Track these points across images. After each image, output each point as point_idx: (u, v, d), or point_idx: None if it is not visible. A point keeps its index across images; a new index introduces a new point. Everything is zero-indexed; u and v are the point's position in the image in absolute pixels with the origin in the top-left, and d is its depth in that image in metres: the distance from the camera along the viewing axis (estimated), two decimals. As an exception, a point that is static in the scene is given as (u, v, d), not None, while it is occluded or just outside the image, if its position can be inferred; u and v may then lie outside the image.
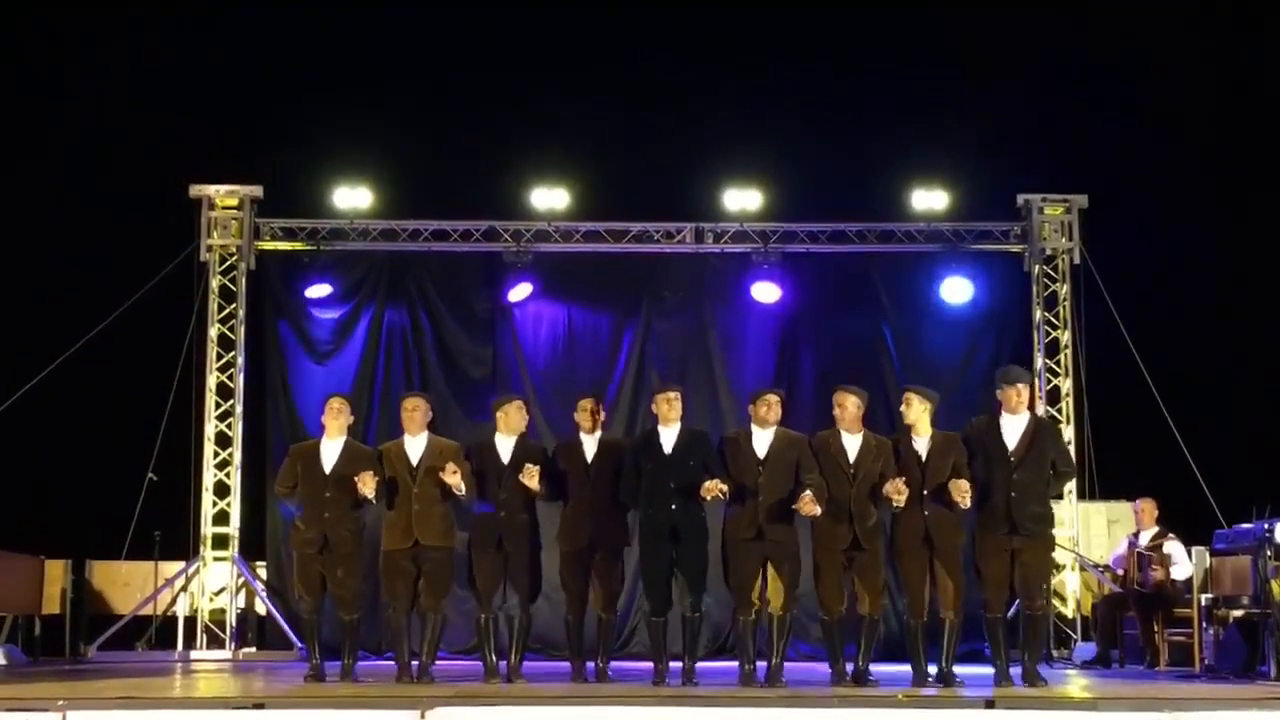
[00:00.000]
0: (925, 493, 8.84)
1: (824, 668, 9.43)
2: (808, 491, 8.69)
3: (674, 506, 9.02)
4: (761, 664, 9.07)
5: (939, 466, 8.86)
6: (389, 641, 10.69)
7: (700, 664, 9.35)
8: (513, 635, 9.29)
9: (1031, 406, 9.13)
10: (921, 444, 8.97)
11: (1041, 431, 9.05)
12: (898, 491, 8.70)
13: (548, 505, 9.50)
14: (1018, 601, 9.05)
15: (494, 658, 9.26)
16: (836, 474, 8.93)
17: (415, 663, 9.26)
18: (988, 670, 9.19)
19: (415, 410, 9.43)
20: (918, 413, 9.01)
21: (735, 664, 9.28)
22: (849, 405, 9.09)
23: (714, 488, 8.74)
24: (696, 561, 9.12)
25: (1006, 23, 13.93)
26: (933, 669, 8.99)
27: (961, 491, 8.64)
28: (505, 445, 9.34)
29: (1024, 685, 8.75)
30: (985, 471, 8.90)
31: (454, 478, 9.02)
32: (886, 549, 9.05)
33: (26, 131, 13.86)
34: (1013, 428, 8.94)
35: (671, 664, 9.22)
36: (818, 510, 8.69)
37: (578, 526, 9.29)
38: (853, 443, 9.02)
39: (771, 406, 9.07)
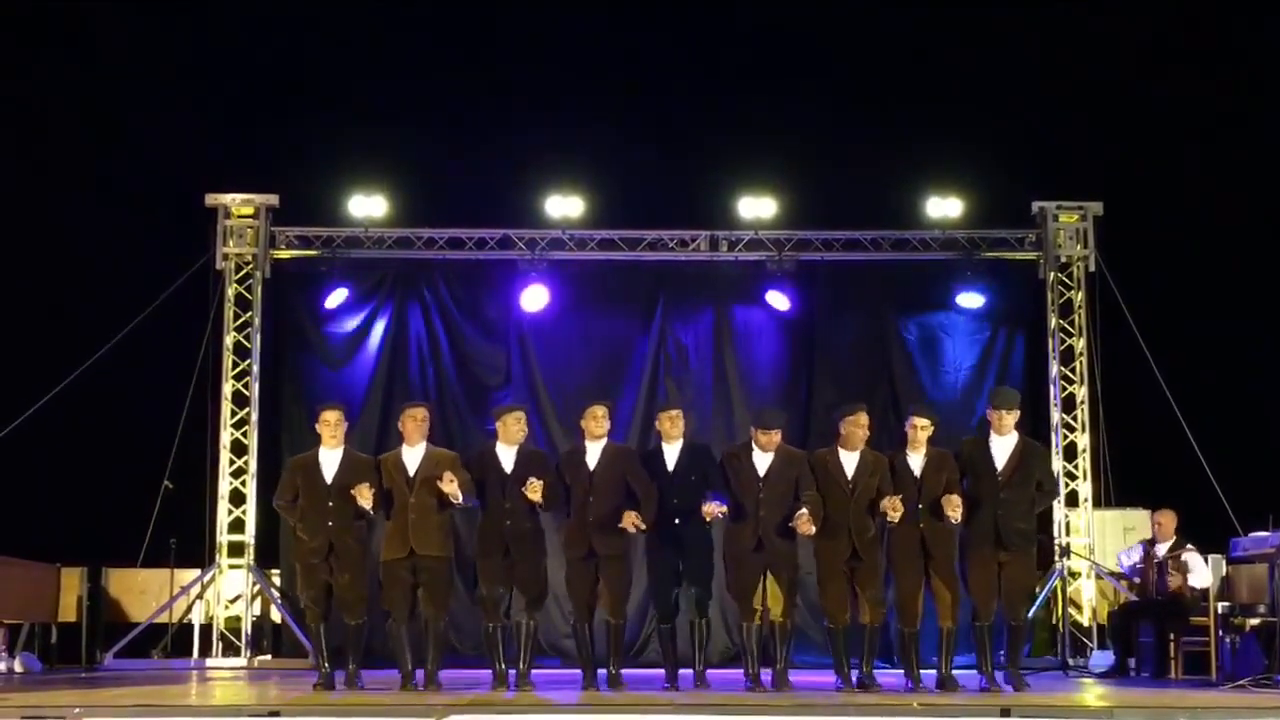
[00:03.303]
0: (921, 507, 9.16)
1: (827, 675, 9.58)
2: (803, 511, 8.94)
3: (678, 521, 9.26)
4: (765, 670, 9.26)
5: (934, 483, 9.21)
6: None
7: (712, 671, 9.52)
8: (520, 642, 9.29)
9: (1020, 427, 9.38)
10: (916, 461, 9.30)
11: (1029, 453, 9.40)
12: (894, 509, 8.97)
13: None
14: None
15: (502, 665, 9.28)
16: (835, 490, 9.20)
17: (420, 671, 9.27)
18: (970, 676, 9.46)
19: (420, 419, 9.43)
20: (924, 437, 9.30)
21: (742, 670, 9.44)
22: (864, 422, 9.32)
23: (711, 512, 8.99)
24: (703, 572, 9.36)
25: (1020, 29, 13.92)
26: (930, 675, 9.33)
27: (953, 506, 8.98)
28: (507, 454, 9.35)
29: (1010, 689, 9.06)
30: (975, 489, 9.27)
31: (451, 486, 9.03)
32: (885, 560, 9.36)
33: (44, 141, 13.91)
34: (1002, 448, 9.31)
35: (685, 670, 9.38)
36: (813, 530, 8.95)
37: (581, 533, 9.31)
38: (850, 460, 9.29)
39: (772, 438, 9.26)
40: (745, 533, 9.13)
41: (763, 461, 9.22)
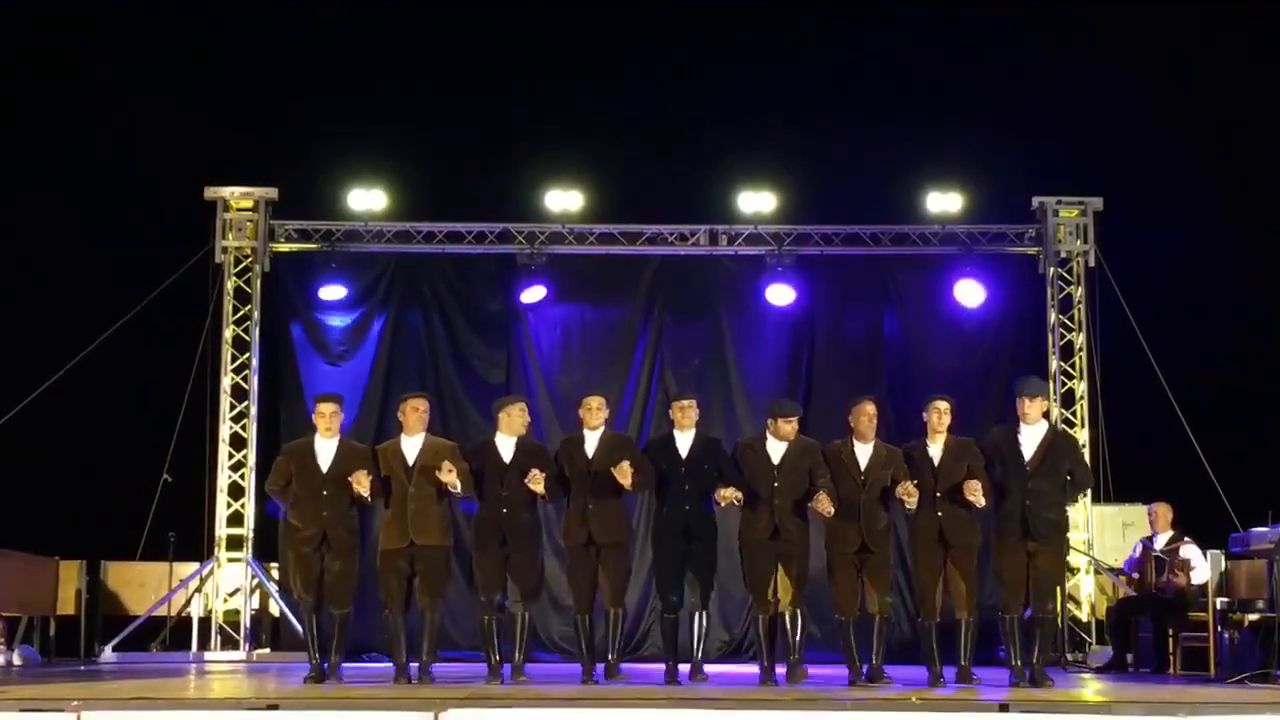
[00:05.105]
0: (939, 494, 9.08)
1: (835, 669, 9.60)
2: (822, 492, 8.97)
3: (688, 508, 9.33)
4: (780, 666, 9.27)
5: (953, 470, 9.12)
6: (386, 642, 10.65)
7: (717, 666, 9.54)
8: (516, 635, 9.28)
9: (1048, 416, 9.29)
10: (935, 449, 9.23)
11: (1058, 442, 9.34)
12: (908, 494, 8.94)
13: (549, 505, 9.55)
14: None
15: (497, 658, 9.28)
16: (847, 479, 9.19)
17: (414, 664, 9.27)
18: (993, 671, 9.41)
19: (421, 410, 9.44)
20: (946, 423, 9.25)
21: (750, 666, 9.43)
22: (870, 412, 9.34)
23: (729, 495, 9.02)
24: (707, 561, 9.44)
25: (1021, 25, 13.91)
26: (950, 669, 9.21)
27: (973, 490, 8.88)
28: (506, 445, 9.37)
29: (1032, 686, 8.91)
30: (1003, 479, 9.18)
31: (450, 476, 9.04)
32: (897, 551, 9.41)
33: (43, 133, 13.90)
34: (1030, 438, 9.21)
35: (683, 665, 9.41)
36: (831, 510, 8.95)
37: (580, 522, 9.34)
38: (864, 450, 9.30)
39: (792, 425, 9.29)
40: (760, 521, 9.13)
41: (777, 450, 9.23)
